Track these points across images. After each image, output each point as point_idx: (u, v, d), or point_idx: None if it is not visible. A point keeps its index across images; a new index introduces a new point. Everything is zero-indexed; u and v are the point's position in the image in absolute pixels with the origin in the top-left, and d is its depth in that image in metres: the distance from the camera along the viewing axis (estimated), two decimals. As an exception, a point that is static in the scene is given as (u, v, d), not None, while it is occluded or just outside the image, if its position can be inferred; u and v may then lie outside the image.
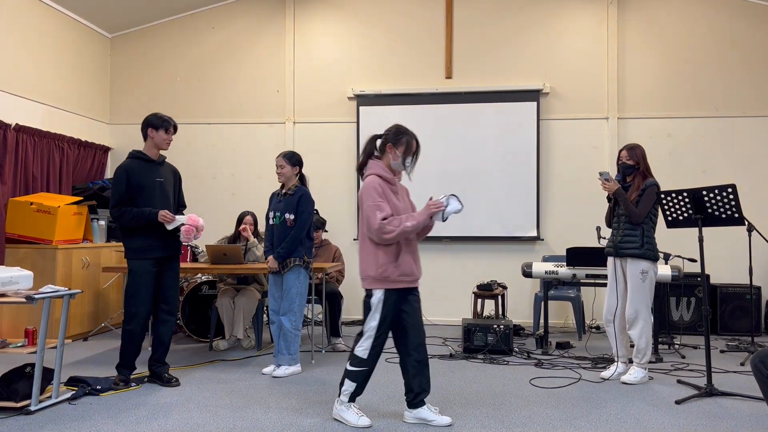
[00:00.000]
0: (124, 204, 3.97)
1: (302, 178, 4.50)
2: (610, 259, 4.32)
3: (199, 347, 5.41)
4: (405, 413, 3.33)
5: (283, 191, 4.43)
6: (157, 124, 4.07)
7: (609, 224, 4.38)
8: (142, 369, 4.26)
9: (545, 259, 6.41)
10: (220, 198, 7.12)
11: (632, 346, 4.27)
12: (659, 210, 4.20)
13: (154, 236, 4.03)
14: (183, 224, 4.03)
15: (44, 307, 3.49)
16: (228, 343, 5.34)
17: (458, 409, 3.56)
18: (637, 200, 4.14)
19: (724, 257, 6.49)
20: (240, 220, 5.50)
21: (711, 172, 6.54)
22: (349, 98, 6.98)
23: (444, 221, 3.25)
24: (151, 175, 4.05)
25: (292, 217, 4.32)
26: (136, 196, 3.98)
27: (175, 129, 4.16)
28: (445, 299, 6.80)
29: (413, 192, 6.72)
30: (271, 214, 4.43)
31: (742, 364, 4.75)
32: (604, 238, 4.97)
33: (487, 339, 5.08)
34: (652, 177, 4.21)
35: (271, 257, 4.34)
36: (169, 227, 4.02)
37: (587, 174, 6.65)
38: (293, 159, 4.42)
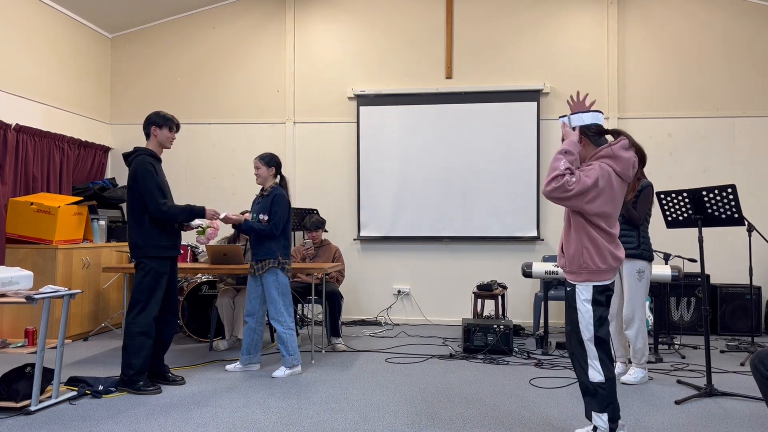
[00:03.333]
0: (164, 197, 3.97)
1: (282, 180, 4.52)
2: None
3: (199, 347, 5.41)
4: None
5: (262, 193, 4.46)
6: (161, 123, 4.06)
7: None
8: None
9: (545, 259, 6.42)
10: (220, 198, 7.12)
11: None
12: (653, 210, 4.22)
13: (175, 235, 4.07)
14: (201, 225, 4.15)
15: (44, 307, 3.50)
16: (228, 343, 5.35)
17: (458, 409, 3.56)
18: (634, 201, 4.15)
19: (724, 257, 6.49)
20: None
21: (711, 172, 6.54)
22: (349, 98, 6.98)
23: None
24: (162, 173, 4.09)
25: (266, 217, 4.35)
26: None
27: (178, 127, 4.17)
28: (445, 299, 6.81)
29: (414, 192, 6.77)
30: (250, 217, 4.47)
31: (742, 365, 4.75)
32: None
33: (487, 339, 5.08)
34: (645, 177, 4.22)
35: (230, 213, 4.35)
36: (195, 224, 4.17)
37: (587, 174, 6.64)
38: (268, 160, 4.44)
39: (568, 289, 2.89)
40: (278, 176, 4.50)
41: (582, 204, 2.73)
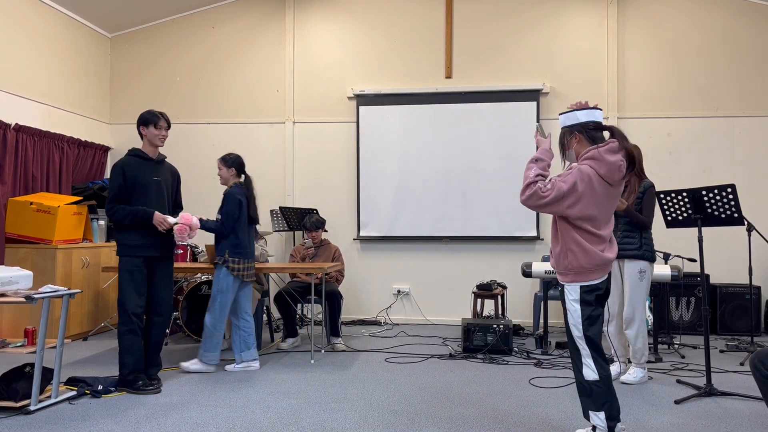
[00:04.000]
0: (120, 201, 3.94)
1: (246, 180, 4.60)
2: None
3: (198, 347, 5.40)
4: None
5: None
6: (148, 119, 4.02)
7: None
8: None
9: (545, 259, 6.41)
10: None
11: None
12: (654, 210, 4.21)
13: (150, 234, 4.00)
14: (176, 223, 4.06)
15: (44, 306, 3.50)
16: (227, 343, 5.34)
17: (458, 409, 3.56)
18: (637, 203, 4.14)
19: (724, 257, 6.49)
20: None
21: (711, 172, 6.54)
22: (349, 98, 6.98)
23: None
24: (148, 174, 4.02)
25: (220, 216, 4.47)
26: (131, 193, 3.95)
27: (169, 124, 4.10)
28: (444, 299, 6.80)
29: (414, 192, 6.77)
30: None
31: (742, 364, 4.75)
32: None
33: (486, 339, 5.08)
34: (647, 178, 4.21)
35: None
36: (171, 222, 4.08)
37: (587, 174, 6.64)
38: (230, 162, 4.53)
39: (559, 289, 2.91)
40: (242, 176, 4.59)
41: (563, 209, 2.75)
